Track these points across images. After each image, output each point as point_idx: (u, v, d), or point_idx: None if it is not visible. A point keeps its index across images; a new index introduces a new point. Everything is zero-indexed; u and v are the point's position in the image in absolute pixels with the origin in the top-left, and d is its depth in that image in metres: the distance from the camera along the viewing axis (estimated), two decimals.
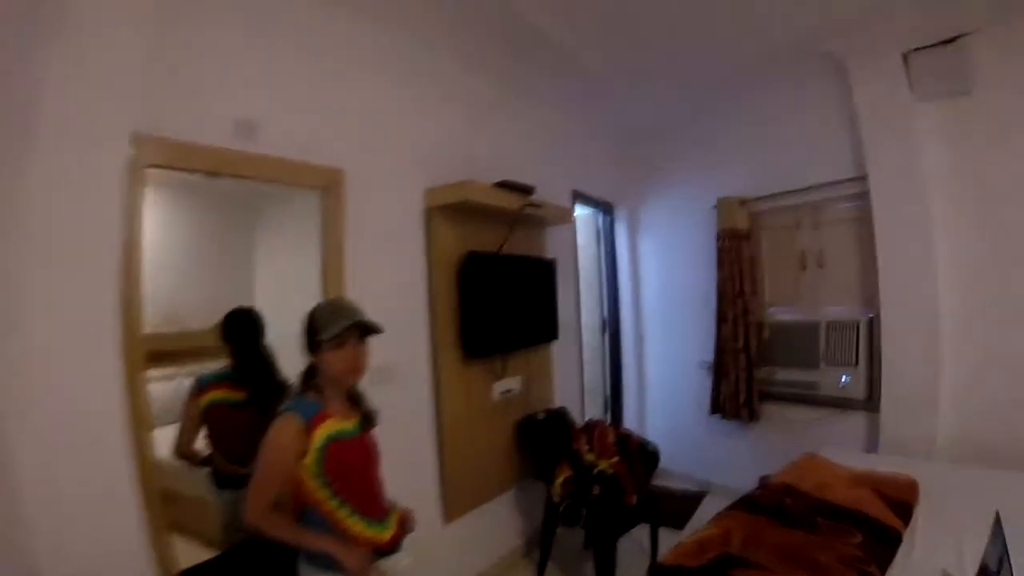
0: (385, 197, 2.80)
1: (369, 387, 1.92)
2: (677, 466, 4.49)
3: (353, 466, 1.73)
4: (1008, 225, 3.10)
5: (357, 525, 1.70)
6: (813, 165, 3.84)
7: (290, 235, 2.68)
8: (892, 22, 3.22)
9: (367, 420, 1.85)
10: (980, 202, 3.20)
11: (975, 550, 1.99)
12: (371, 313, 1.76)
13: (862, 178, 3.53)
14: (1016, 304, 3.09)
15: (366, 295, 2.26)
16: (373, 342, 1.79)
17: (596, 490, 3.02)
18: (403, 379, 2.82)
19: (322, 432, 1.65)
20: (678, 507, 3.94)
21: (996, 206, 3.13)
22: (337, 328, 1.69)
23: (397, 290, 2.85)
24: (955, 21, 3.15)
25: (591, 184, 4.59)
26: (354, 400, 1.86)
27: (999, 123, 3.12)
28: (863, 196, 3.54)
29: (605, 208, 4.90)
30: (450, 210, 2.99)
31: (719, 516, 2.37)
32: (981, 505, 2.33)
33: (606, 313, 4.93)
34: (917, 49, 3.29)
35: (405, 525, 1.88)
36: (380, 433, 1.90)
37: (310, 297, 2.16)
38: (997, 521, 1.91)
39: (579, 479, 3.08)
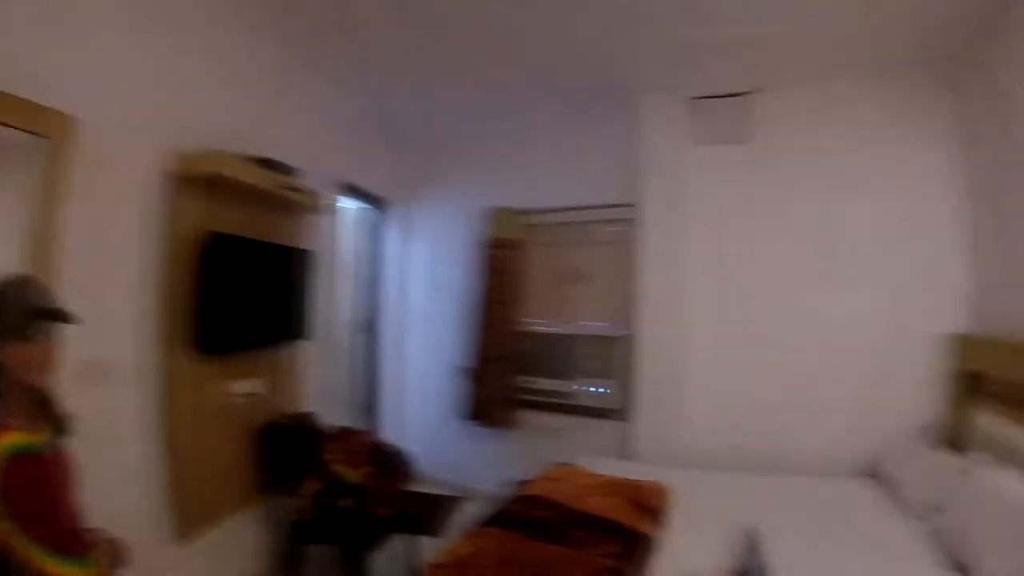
0: (123, 158, 2.30)
1: (76, 388, 1.54)
2: (436, 471, 4.45)
3: (42, 490, 1.34)
4: (754, 263, 3.66)
5: (49, 565, 1.32)
6: (588, 187, 4.04)
7: None
8: (688, 69, 3.48)
9: (59, 429, 1.46)
10: (734, 240, 3.69)
11: (724, 551, 2.19)
12: (89, 297, 1.40)
13: (632, 205, 3.79)
14: (754, 332, 3.64)
15: (84, 275, 1.84)
16: (84, 333, 1.44)
17: (347, 503, 2.84)
18: (123, 378, 2.33)
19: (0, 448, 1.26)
20: (436, 514, 3.91)
21: (747, 245, 3.67)
22: (24, 316, 1.32)
23: (123, 271, 2.35)
24: (744, 79, 3.59)
25: (366, 178, 4.37)
26: (42, 405, 1.46)
27: (767, 174, 3.65)
28: (630, 222, 3.80)
29: (378, 204, 4.70)
30: (199, 183, 2.56)
31: (474, 532, 2.30)
32: (727, 507, 2.61)
33: (367, 313, 4.73)
34: (705, 97, 3.70)
35: (115, 560, 1.52)
36: (92, 444, 1.54)
37: None
38: (754, 534, 2.15)
39: (329, 491, 2.87)
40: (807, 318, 3.55)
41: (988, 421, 2.71)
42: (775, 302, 3.61)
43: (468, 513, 3.35)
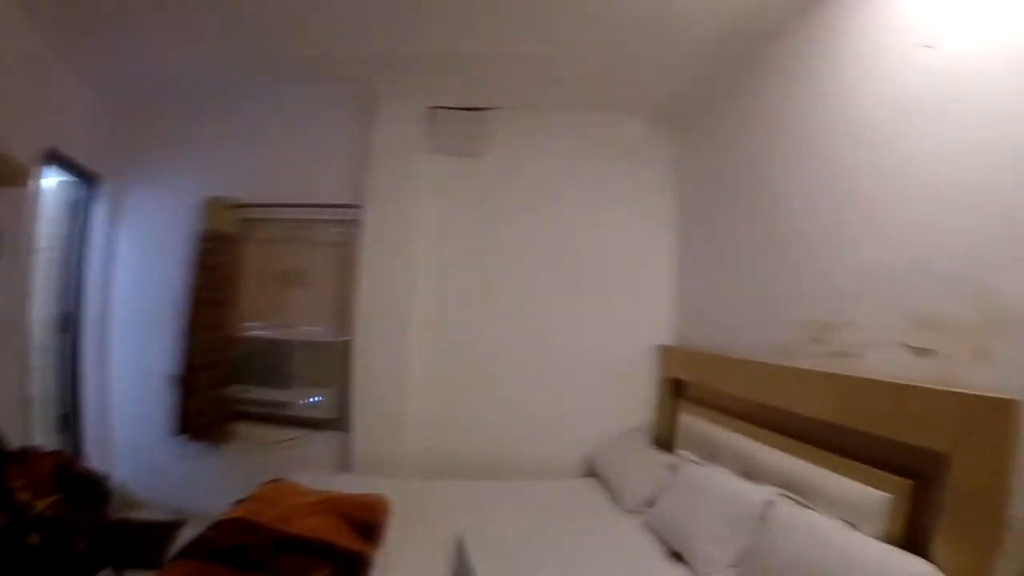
0: None
1: None
2: (149, 493, 3.72)
3: None
4: (481, 275, 3.78)
5: None
6: (314, 184, 3.81)
7: None
8: (425, 77, 3.48)
9: None
10: (462, 251, 3.79)
11: (440, 563, 2.19)
12: None
13: (357, 207, 3.65)
14: (481, 340, 3.76)
15: None
16: None
17: (34, 539, 2.26)
18: None
19: None
20: (150, 542, 3.34)
21: (474, 257, 3.79)
22: None
23: None
24: (484, 95, 3.69)
25: (75, 148, 3.49)
26: None
27: (499, 190, 3.80)
28: (354, 224, 3.66)
29: (89, 180, 3.75)
30: None
31: (171, 566, 1.99)
32: (449, 516, 2.60)
33: (66, 308, 3.74)
34: (443, 107, 3.71)
35: None
36: None
37: None
38: (462, 542, 2.15)
39: (12, 526, 2.25)
40: (534, 328, 3.78)
41: (690, 421, 3.21)
42: (501, 313, 3.77)
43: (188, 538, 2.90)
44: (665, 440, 3.48)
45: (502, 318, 3.80)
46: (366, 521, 2.35)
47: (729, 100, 3.18)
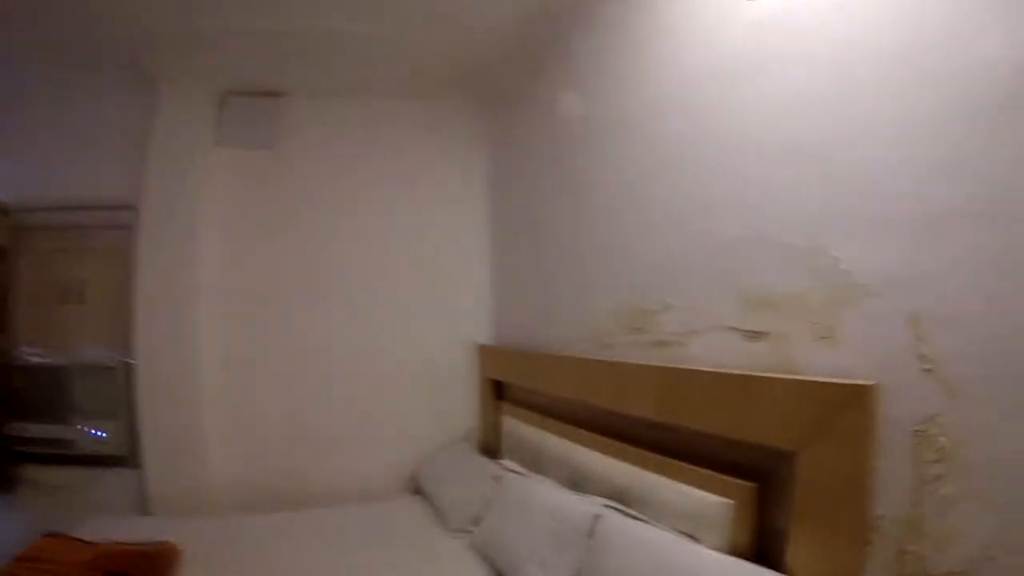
0: None
1: None
2: None
3: None
4: (279, 280, 3.36)
5: None
6: (91, 184, 3.27)
7: None
8: (210, 58, 3.05)
9: None
10: (256, 254, 3.35)
11: None
12: None
13: (133, 208, 3.14)
14: (283, 354, 3.33)
15: None
16: None
17: None
18: None
19: None
20: None
21: (270, 259, 3.36)
22: None
23: None
24: (276, 79, 3.27)
25: None
26: None
27: (296, 184, 3.39)
28: (132, 227, 3.16)
29: None
30: None
31: None
32: (256, 555, 2.30)
33: None
34: (232, 93, 3.27)
35: None
36: None
37: None
38: None
39: None
40: (344, 335, 3.42)
41: (514, 425, 2.93)
42: (306, 320, 3.39)
43: None
44: (492, 448, 3.18)
45: (307, 326, 3.39)
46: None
47: (541, 76, 2.90)
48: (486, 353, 3.36)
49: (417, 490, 3.19)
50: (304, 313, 3.39)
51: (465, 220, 3.63)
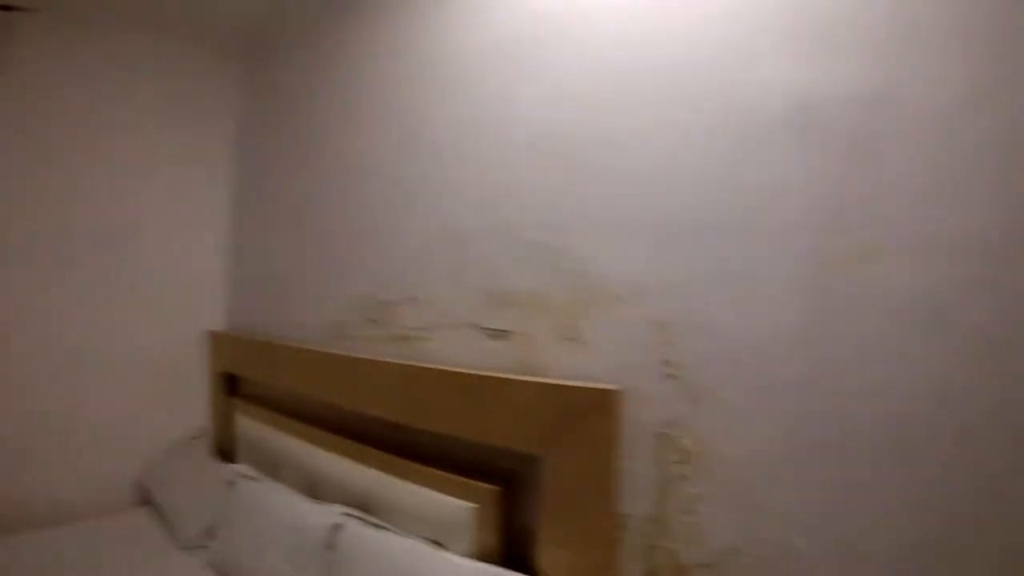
0: None
1: None
2: None
3: None
4: None
5: None
6: None
7: None
8: None
9: None
10: None
11: None
12: None
13: None
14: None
15: None
16: None
17: None
18: None
19: None
20: None
21: None
22: None
23: None
24: None
25: None
26: None
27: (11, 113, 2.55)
28: None
29: None
30: None
31: None
32: None
33: None
34: None
35: None
36: None
37: None
38: None
39: None
40: (45, 325, 2.69)
41: (249, 425, 2.58)
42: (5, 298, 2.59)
43: None
44: (228, 450, 2.78)
45: (9, 305, 2.59)
46: None
47: (305, 45, 2.53)
48: (218, 341, 2.93)
49: (145, 500, 2.70)
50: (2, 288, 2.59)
51: (204, 188, 3.08)
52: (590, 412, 1.30)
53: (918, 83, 0.98)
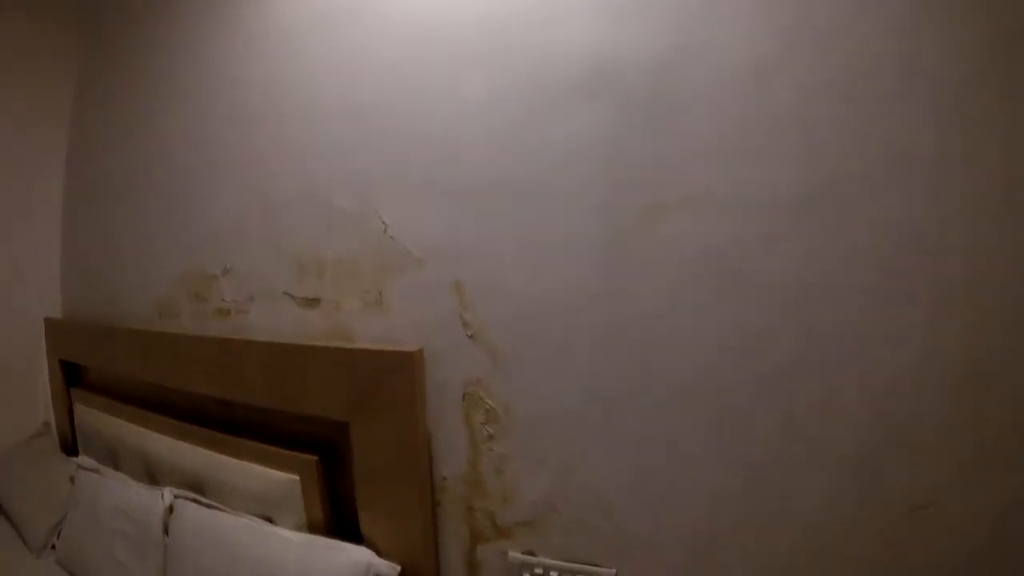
0: None
1: None
2: None
3: None
4: None
5: None
6: None
7: None
8: None
9: None
10: None
11: None
12: None
13: None
14: None
15: None
16: None
17: None
18: None
19: None
20: None
21: None
22: None
23: None
24: None
25: None
26: None
27: None
28: None
29: None
30: None
31: None
32: None
33: None
34: None
35: None
36: None
37: None
38: None
39: None
40: None
41: (88, 415, 2.43)
42: None
43: None
44: (72, 444, 2.61)
45: None
46: None
47: (139, 7, 2.34)
48: (55, 328, 2.73)
49: None
50: None
51: (37, 167, 2.81)
52: (393, 375, 1.30)
53: (720, 44, 1.00)
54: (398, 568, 1.31)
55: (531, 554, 1.23)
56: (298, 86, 1.58)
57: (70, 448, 2.60)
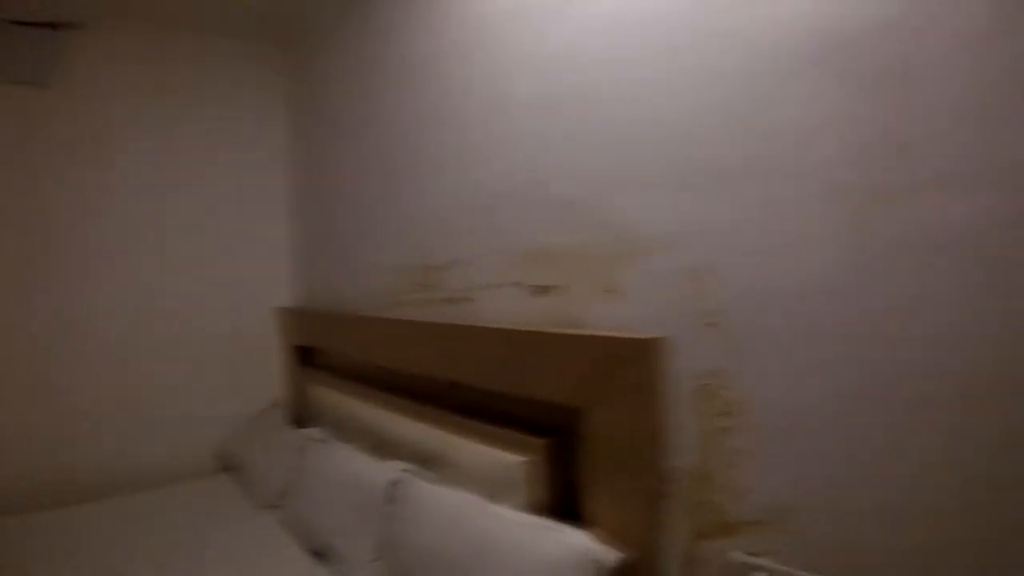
0: None
1: None
2: None
3: None
4: (51, 237, 2.74)
5: None
6: None
7: None
8: None
9: None
10: (24, 211, 2.70)
11: None
12: None
13: None
14: (53, 327, 2.75)
15: None
16: None
17: None
18: None
19: None
20: None
21: (41, 217, 2.73)
22: None
23: None
24: (55, 7, 2.64)
25: None
26: None
27: (75, 129, 2.77)
28: None
29: None
30: None
31: None
32: (48, 556, 2.00)
33: None
34: (7, 21, 2.57)
35: None
36: None
37: None
38: None
39: None
40: (129, 305, 2.91)
41: (321, 393, 2.74)
42: (84, 289, 2.83)
43: None
44: (301, 418, 2.96)
45: (86, 294, 2.82)
46: None
47: (344, 22, 2.63)
48: (289, 317, 3.09)
49: (225, 467, 2.91)
50: (82, 278, 2.83)
51: (264, 174, 3.24)
52: (632, 362, 1.30)
53: (947, 6, 0.90)
54: (619, 555, 1.31)
55: (753, 555, 1.17)
56: (515, 80, 1.63)
57: (298, 421, 2.93)
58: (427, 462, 1.87)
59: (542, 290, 1.55)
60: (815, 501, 1.07)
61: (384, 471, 1.88)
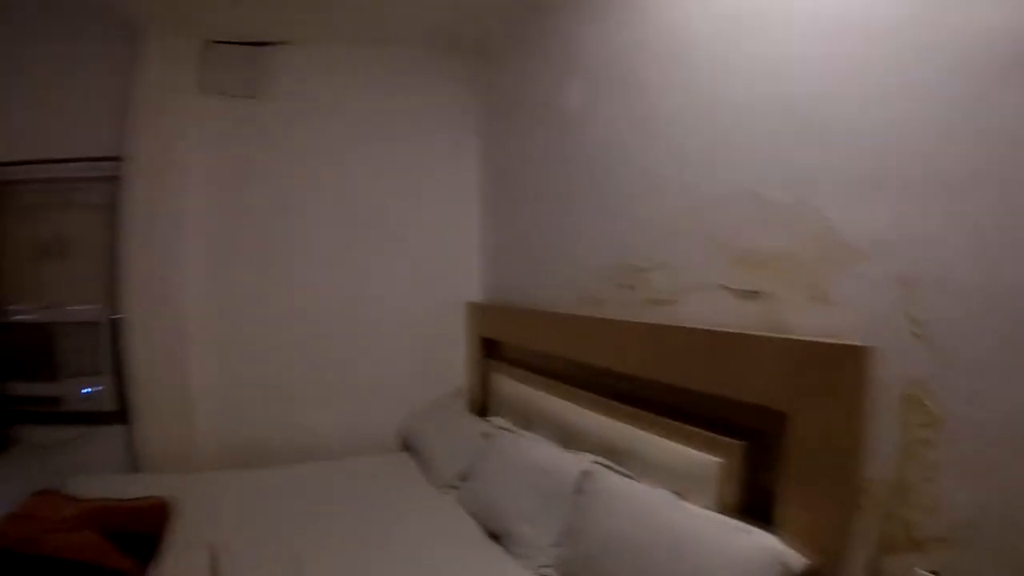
0: None
1: None
2: None
3: None
4: (266, 233, 3.22)
5: None
6: (72, 135, 3.06)
7: None
8: (199, 7, 2.87)
9: None
10: (241, 207, 3.19)
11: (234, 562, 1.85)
12: None
13: (118, 159, 2.97)
14: (268, 310, 3.21)
15: None
16: None
17: None
18: None
19: None
20: None
21: (256, 213, 3.21)
22: None
23: None
24: (265, 27, 3.11)
25: None
26: None
27: (283, 135, 3.23)
28: (116, 180, 3.00)
29: None
30: None
31: None
32: (246, 511, 2.27)
33: None
34: (219, 42, 3.11)
35: None
36: None
37: None
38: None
39: None
40: (332, 290, 3.31)
41: (505, 383, 2.90)
42: (293, 275, 3.27)
43: None
44: (482, 406, 3.17)
45: (295, 279, 3.27)
46: (135, 532, 2.01)
47: (535, 29, 2.80)
48: (477, 311, 3.33)
49: (406, 446, 3.17)
50: (291, 266, 3.28)
51: (455, 174, 3.53)
52: (838, 369, 1.27)
53: None
54: (805, 562, 1.29)
55: (935, 573, 1.10)
56: (723, 84, 1.65)
57: (479, 410, 3.13)
58: (614, 456, 1.93)
59: (749, 295, 1.56)
60: (1007, 522, 1.01)
61: (576, 461, 1.95)
